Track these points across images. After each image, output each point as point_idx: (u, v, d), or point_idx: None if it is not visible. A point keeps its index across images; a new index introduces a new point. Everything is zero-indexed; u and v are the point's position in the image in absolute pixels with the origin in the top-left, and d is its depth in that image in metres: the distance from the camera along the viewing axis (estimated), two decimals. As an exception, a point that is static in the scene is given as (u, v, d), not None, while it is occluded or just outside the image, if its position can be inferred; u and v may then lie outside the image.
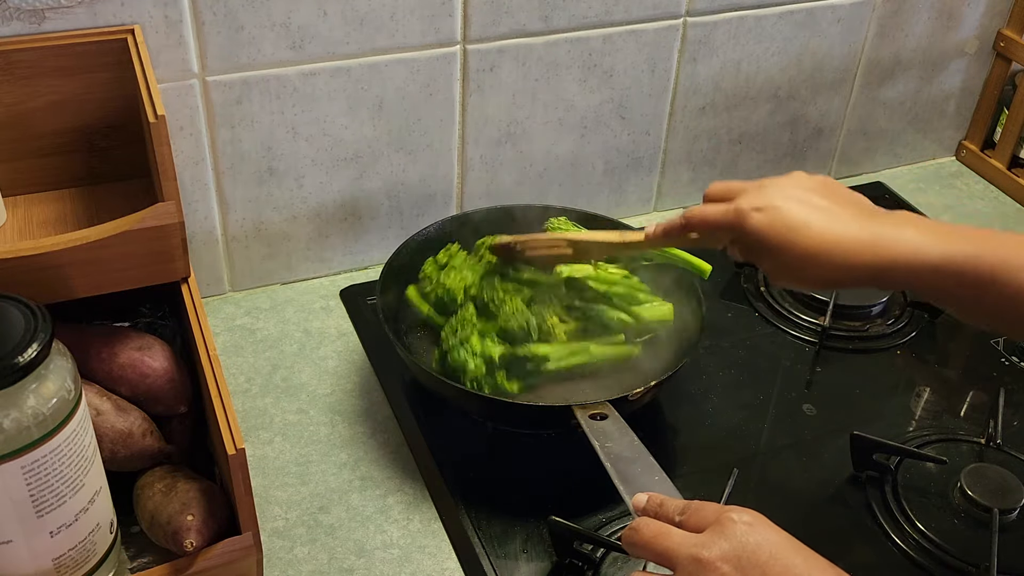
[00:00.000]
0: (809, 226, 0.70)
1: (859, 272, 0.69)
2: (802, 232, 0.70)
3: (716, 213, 0.76)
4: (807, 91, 1.24)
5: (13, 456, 0.62)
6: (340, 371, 1.00)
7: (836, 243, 0.69)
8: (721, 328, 1.06)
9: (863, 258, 0.69)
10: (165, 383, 0.81)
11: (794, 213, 0.71)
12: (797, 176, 0.76)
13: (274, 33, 0.94)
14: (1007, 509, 0.85)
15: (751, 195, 0.74)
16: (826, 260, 0.69)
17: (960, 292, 0.67)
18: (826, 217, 0.71)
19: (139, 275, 0.78)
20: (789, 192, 0.73)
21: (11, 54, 0.83)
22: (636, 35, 1.10)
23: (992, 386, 1.00)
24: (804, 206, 0.72)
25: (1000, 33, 1.31)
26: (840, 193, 0.74)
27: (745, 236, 0.73)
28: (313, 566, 0.82)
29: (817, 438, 0.94)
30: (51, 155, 0.90)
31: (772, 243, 0.71)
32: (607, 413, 0.82)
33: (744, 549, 0.58)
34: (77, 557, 0.69)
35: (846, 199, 0.73)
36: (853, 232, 0.70)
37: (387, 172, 1.08)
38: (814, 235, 0.70)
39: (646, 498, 0.67)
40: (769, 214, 0.72)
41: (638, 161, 1.20)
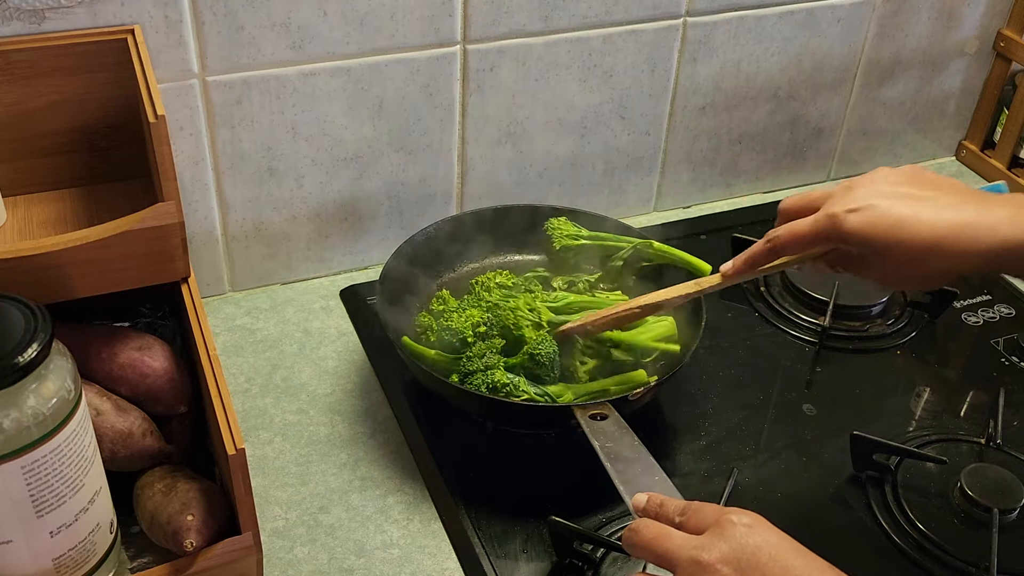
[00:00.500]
0: (919, 218, 0.66)
1: (981, 258, 0.65)
2: (913, 225, 0.66)
3: (806, 227, 0.71)
4: (807, 91, 1.24)
5: (13, 456, 0.62)
6: (340, 371, 1.00)
7: (956, 230, 0.65)
8: (721, 328, 1.06)
9: (985, 242, 0.65)
10: (165, 383, 0.81)
11: (898, 207, 0.67)
12: (882, 171, 0.71)
13: (274, 33, 0.94)
14: (1007, 509, 0.85)
15: (839, 199, 0.70)
16: (947, 250, 0.65)
17: None
18: (934, 206, 0.67)
19: (139, 275, 0.78)
20: (882, 188, 0.69)
21: (11, 54, 0.83)
22: (636, 35, 1.10)
23: (992, 386, 1.00)
24: (906, 199, 0.68)
25: (1000, 33, 1.31)
26: (935, 180, 0.70)
27: (845, 242, 0.69)
28: (313, 566, 0.82)
29: (817, 438, 0.94)
30: (51, 155, 0.90)
31: (879, 242, 0.67)
32: (607, 413, 0.82)
33: (744, 551, 0.58)
34: (77, 557, 0.69)
35: (945, 185, 0.70)
36: (970, 217, 0.66)
37: (387, 172, 1.08)
38: (926, 226, 0.66)
39: (646, 498, 0.67)
40: (869, 213, 0.67)
41: (638, 161, 1.20)
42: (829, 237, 0.70)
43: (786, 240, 0.73)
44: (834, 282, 1.08)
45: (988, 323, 1.10)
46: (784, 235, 0.73)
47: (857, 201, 0.69)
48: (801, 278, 1.11)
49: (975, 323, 1.10)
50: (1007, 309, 1.12)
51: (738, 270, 0.78)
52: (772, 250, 0.75)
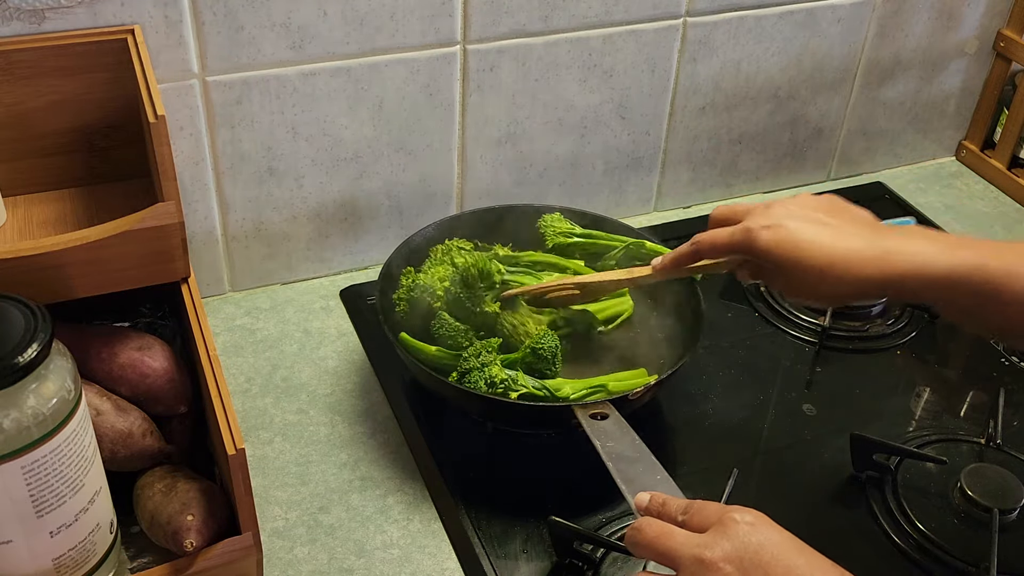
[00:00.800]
0: (818, 243, 0.72)
1: (868, 285, 0.71)
2: (811, 249, 0.72)
3: (724, 236, 0.78)
4: (807, 91, 1.24)
5: (13, 456, 0.62)
6: (340, 371, 1.00)
7: (844, 258, 0.71)
8: (721, 328, 1.06)
9: (872, 271, 0.70)
10: (165, 383, 0.81)
11: (802, 230, 0.73)
12: (803, 197, 0.78)
13: (274, 33, 0.94)
14: (1007, 509, 0.85)
15: (758, 215, 0.76)
16: (836, 275, 0.71)
17: (966, 301, 0.68)
18: (833, 233, 0.73)
19: (139, 275, 0.78)
20: (795, 211, 0.75)
21: (11, 54, 0.83)
22: (636, 35, 1.10)
23: (992, 386, 1.00)
24: (812, 224, 0.74)
25: (1000, 33, 1.31)
26: (847, 210, 0.76)
27: (755, 255, 0.75)
28: (313, 566, 0.82)
29: (817, 438, 0.94)
30: (51, 155, 0.90)
31: (782, 260, 0.73)
32: (608, 413, 0.82)
33: (747, 549, 0.58)
34: (77, 557, 0.69)
35: (852, 216, 0.75)
36: (861, 246, 0.71)
37: (387, 172, 1.08)
38: (823, 251, 0.72)
39: (648, 497, 0.67)
40: (778, 232, 0.74)
41: (638, 161, 1.20)
42: (742, 249, 0.76)
43: (707, 245, 0.80)
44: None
45: (988, 323, 1.10)
46: (705, 241, 0.80)
47: (771, 219, 0.75)
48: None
49: (975, 323, 1.10)
50: (1007, 309, 1.12)
51: (664, 266, 0.85)
52: (695, 252, 0.82)
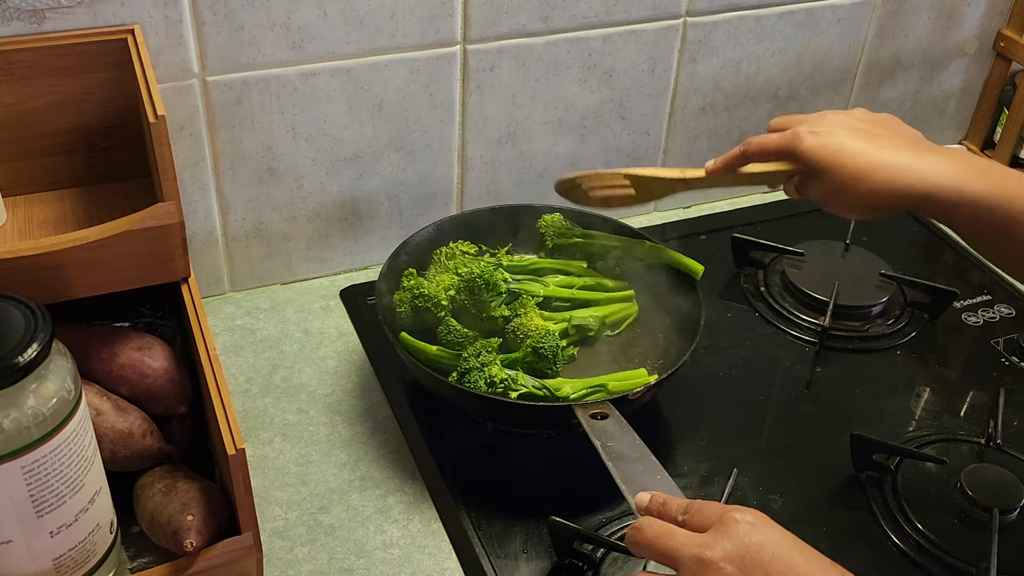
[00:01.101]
0: (860, 150, 0.76)
1: (902, 196, 0.74)
2: (853, 155, 0.76)
3: (773, 138, 0.82)
4: (807, 91, 1.24)
5: (13, 456, 0.62)
6: (340, 371, 1.00)
7: (884, 166, 0.74)
8: (721, 328, 1.06)
9: (907, 182, 0.73)
10: (165, 383, 0.81)
11: (848, 137, 0.77)
12: (858, 110, 0.82)
13: (274, 33, 0.94)
14: (1007, 509, 0.85)
15: (810, 122, 0.80)
16: (873, 182, 0.75)
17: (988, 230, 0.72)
18: (878, 143, 0.76)
19: (139, 275, 0.78)
20: (847, 120, 0.79)
21: (11, 54, 0.83)
22: (636, 35, 1.10)
23: (992, 386, 1.00)
24: (859, 133, 0.77)
25: (1000, 33, 1.31)
26: (897, 127, 0.80)
27: (799, 157, 0.79)
28: (313, 566, 0.82)
29: (817, 438, 0.94)
30: (51, 155, 0.90)
31: (824, 164, 0.77)
32: (608, 413, 0.82)
33: (747, 549, 0.58)
34: (77, 557, 0.69)
35: (901, 132, 0.79)
36: (901, 159, 0.75)
37: (387, 172, 1.08)
38: (864, 158, 0.75)
39: (649, 497, 0.67)
40: (823, 137, 0.78)
41: (638, 161, 1.20)
42: (787, 150, 0.80)
43: (756, 148, 0.83)
44: (834, 282, 1.08)
45: (988, 323, 1.10)
46: (755, 143, 0.84)
47: (820, 125, 0.79)
48: (801, 278, 1.11)
49: (975, 323, 1.10)
50: (1007, 309, 1.12)
51: (717, 168, 0.87)
52: (744, 154, 0.85)
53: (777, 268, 1.14)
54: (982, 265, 1.18)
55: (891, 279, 1.11)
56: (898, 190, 0.74)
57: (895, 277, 1.11)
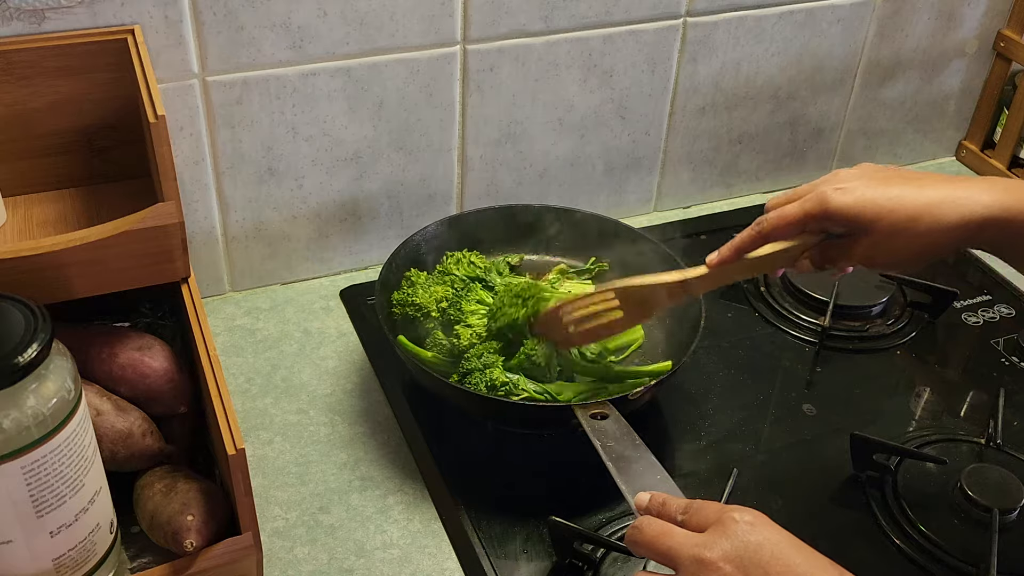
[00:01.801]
0: (899, 197, 0.70)
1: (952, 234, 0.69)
2: (893, 203, 0.70)
3: (794, 208, 0.73)
4: (807, 91, 1.24)
5: (13, 456, 0.62)
6: (340, 371, 1.00)
7: (927, 208, 0.69)
8: (721, 328, 1.06)
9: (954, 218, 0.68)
10: (165, 383, 0.81)
11: (879, 188, 0.71)
12: (865, 165, 0.75)
13: (274, 33, 0.94)
14: (1007, 509, 0.85)
15: (827, 182, 0.73)
16: (923, 226, 0.69)
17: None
18: (917, 185, 0.71)
19: (139, 275, 0.78)
20: (863, 172, 0.73)
21: (11, 54, 0.83)
22: (636, 35, 1.10)
23: (992, 386, 1.00)
24: (887, 180, 0.72)
25: (1000, 33, 1.31)
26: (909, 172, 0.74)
27: (833, 219, 0.71)
28: (313, 566, 0.82)
29: (817, 438, 0.94)
30: (51, 155, 0.90)
31: (864, 219, 0.70)
32: (607, 413, 0.82)
33: (746, 549, 0.58)
34: (77, 557, 0.69)
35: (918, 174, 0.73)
36: (939, 195, 0.69)
37: (387, 172, 1.08)
38: (906, 203, 0.69)
39: (648, 497, 0.67)
40: (853, 192, 0.71)
41: (638, 161, 1.20)
42: (817, 215, 0.72)
43: (774, 222, 0.74)
44: (834, 282, 1.08)
45: (988, 323, 1.10)
46: (772, 217, 0.74)
47: (843, 182, 0.72)
48: (801, 278, 1.11)
49: (975, 323, 1.10)
50: (1007, 309, 1.12)
51: (724, 257, 0.77)
52: (760, 235, 0.75)
53: (777, 268, 1.14)
54: (982, 265, 1.18)
55: (891, 279, 1.11)
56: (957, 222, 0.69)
57: (895, 277, 1.11)
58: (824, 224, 0.73)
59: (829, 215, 0.72)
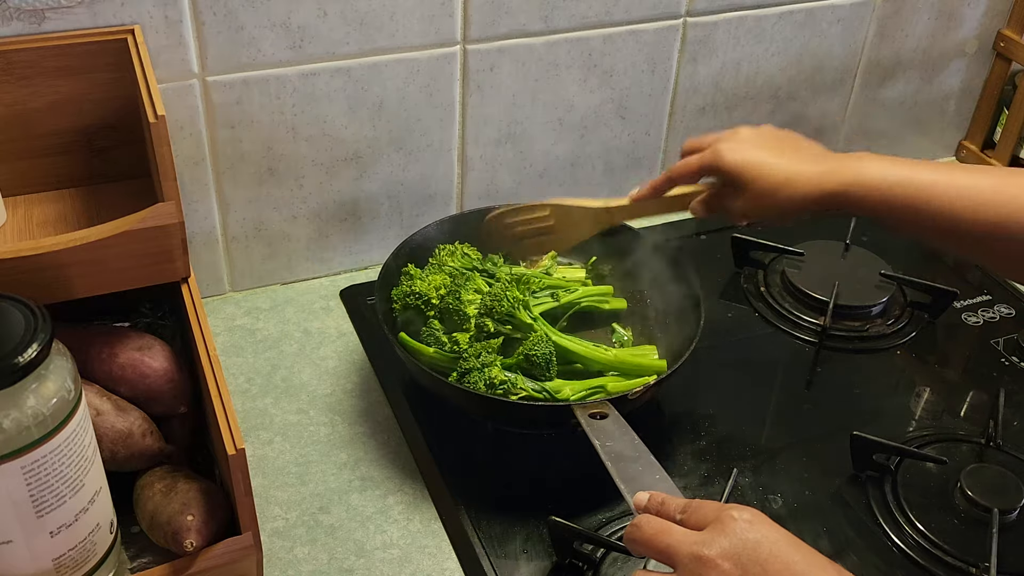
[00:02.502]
0: (776, 164, 0.83)
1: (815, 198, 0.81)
2: (770, 168, 0.83)
3: (695, 159, 0.88)
4: (807, 91, 1.24)
5: (13, 456, 0.62)
6: (340, 371, 1.00)
7: (796, 176, 0.82)
8: (721, 328, 1.06)
9: (817, 185, 0.81)
10: (165, 383, 0.81)
11: (763, 154, 0.84)
12: (766, 127, 0.89)
13: (274, 33, 0.94)
14: (1007, 509, 0.85)
15: (725, 140, 0.87)
16: (789, 190, 0.82)
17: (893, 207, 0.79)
18: (789, 158, 0.84)
19: (139, 275, 0.78)
20: (757, 140, 0.86)
21: (11, 54, 0.83)
22: (636, 35, 1.10)
23: (992, 386, 1.00)
24: (772, 148, 0.85)
25: (1000, 33, 1.31)
26: (800, 143, 0.87)
27: (722, 171, 0.85)
28: (313, 566, 0.82)
29: (817, 438, 0.94)
30: (51, 155, 0.90)
31: (746, 175, 0.84)
32: (607, 412, 0.82)
33: (744, 546, 0.58)
34: (77, 557, 0.69)
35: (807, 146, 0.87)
36: (811, 167, 0.82)
37: (387, 172, 1.08)
38: (779, 170, 0.83)
39: (647, 496, 0.67)
40: (743, 152, 0.85)
41: (638, 161, 1.20)
42: (711, 167, 0.86)
43: (680, 170, 0.89)
44: (834, 282, 1.08)
45: (988, 323, 1.10)
46: (679, 165, 0.90)
47: (739, 142, 0.86)
48: (801, 278, 1.11)
49: (975, 323, 1.10)
50: (1007, 309, 1.12)
51: (643, 194, 0.94)
52: (669, 179, 0.91)
53: (777, 268, 1.14)
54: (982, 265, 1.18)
55: (891, 279, 1.11)
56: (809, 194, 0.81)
57: (895, 277, 1.11)
58: (716, 174, 0.87)
59: (719, 169, 0.86)
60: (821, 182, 0.81)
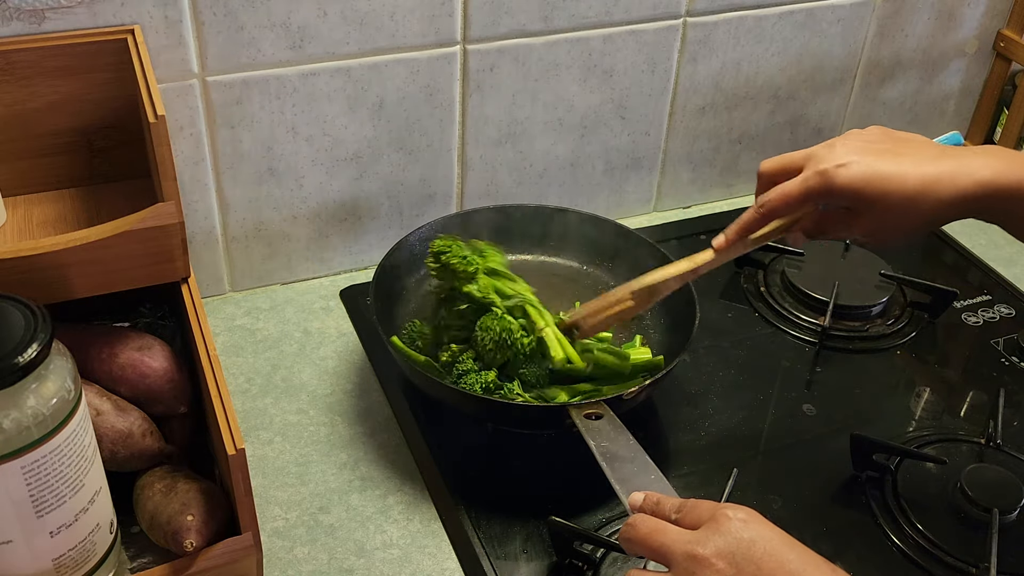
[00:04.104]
0: (902, 172, 0.70)
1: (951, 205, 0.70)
2: (897, 178, 0.70)
3: (795, 186, 0.74)
4: (807, 91, 1.24)
5: (13, 456, 0.62)
6: (340, 371, 1.00)
7: (938, 177, 0.69)
8: (721, 328, 1.06)
9: (964, 186, 0.69)
10: (165, 383, 0.81)
11: (881, 163, 0.71)
12: (854, 132, 0.76)
13: (274, 33, 0.94)
14: (1007, 509, 0.85)
15: (823, 157, 0.73)
16: (931, 196, 0.69)
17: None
18: (913, 159, 0.71)
19: (139, 275, 0.78)
20: (860, 146, 0.73)
21: (11, 54, 0.83)
22: (636, 35, 1.10)
23: (992, 386, 1.00)
24: (886, 154, 0.72)
25: (1000, 33, 1.31)
26: (902, 137, 0.75)
27: (836, 196, 0.72)
28: (313, 566, 0.82)
29: (817, 438, 0.94)
30: (51, 155, 0.90)
31: (869, 196, 0.71)
32: (602, 413, 0.82)
33: (739, 545, 0.58)
34: (77, 557, 0.69)
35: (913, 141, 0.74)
36: (948, 166, 0.70)
37: (387, 172, 1.08)
38: (910, 178, 0.70)
39: (642, 496, 0.67)
40: (856, 168, 0.71)
41: (638, 161, 1.20)
42: (820, 193, 0.73)
43: (777, 202, 0.75)
44: (834, 282, 1.08)
45: (988, 323, 1.10)
46: (775, 197, 0.75)
47: (841, 158, 0.72)
48: (801, 278, 1.11)
49: (975, 323, 1.10)
50: (1007, 309, 1.12)
51: (731, 240, 0.79)
52: (764, 215, 0.77)
53: (777, 268, 1.14)
54: (982, 265, 1.18)
55: (891, 279, 1.11)
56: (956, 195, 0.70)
57: (895, 277, 1.11)
58: (827, 200, 0.74)
59: (833, 193, 0.72)
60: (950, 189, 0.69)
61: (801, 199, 0.74)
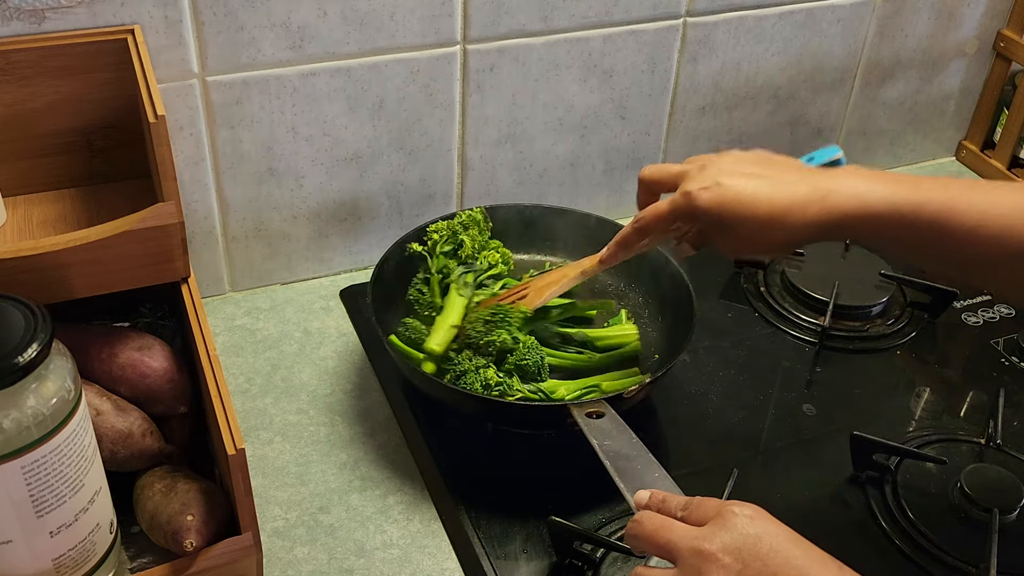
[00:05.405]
0: (760, 196, 0.72)
1: (814, 228, 0.71)
2: (754, 203, 0.72)
3: (665, 207, 0.78)
4: (807, 91, 1.24)
5: (13, 456, 0.62)
6: (340, 371, 1.00)
7: (788, 206, 0.71)
8: (721, 328, 1.06)
9: (815, 213, 0.71)
10: (165, 383, 0.81)
11: (741, 186, 0.73)
12: (732, 153, 0.78)
13: (274, 33, 0.94)
14: (1007, 509, 0.85)
15: (693, 178, 0.75)
16: (783, 224, 0.72)
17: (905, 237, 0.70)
18: (771, 184, 0.73)
19: (139, 275, 0.78)
20: (729, 168, 0.75)
21: (11, 54, 0.83)
22: (636, 35, 1.10)
23: (992, 386, 1.00)
24: (749, 178, 0.74)
25: (1000, 33, 1.31)
26: (777, 161, 0.77)
27: (699, 218, 0.75)
28: (313, 566, 0.82)
29: (817, 438, 0.94)
30: (51, 155, 0.90)
31: (727, 219, 0.73)
32: (603, 411, 0.82)
33: (745, 541, 0.58)
34: (77, 557, 0.69)
35: (784, 165, 0.76)
36: (801, 192, 0.71)
37: (387, 172, 1.08)
38: (766, 203, 0.72)
39: (648, 495, 0.67)
40: (717, 191, 0.73)
41: (638, 161, 1.20)
42: (685, 214, 0.76)
43: (650, 220, 0.79)
44: (834, 282, 1.08)
45: (988, 323, 1.10)
46: (648, 216, 0.80)
47: (707, 180, 0.74)
48: (801, 278, 1.11)
49: (975, 323, 1.10)
50: (1007, 309, 1.12)
51: (613, 254, 0.86)
52: (639, 231, 0.81)
53: (777, 268, 1.14)
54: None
55: (891, 279, 1.11)
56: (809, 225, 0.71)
57: (895, 277, 1.11)
58: (691, 221, 0.77)
59: (696, 215, 0.75)
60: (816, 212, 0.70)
61: (670, 219, 0.77)
